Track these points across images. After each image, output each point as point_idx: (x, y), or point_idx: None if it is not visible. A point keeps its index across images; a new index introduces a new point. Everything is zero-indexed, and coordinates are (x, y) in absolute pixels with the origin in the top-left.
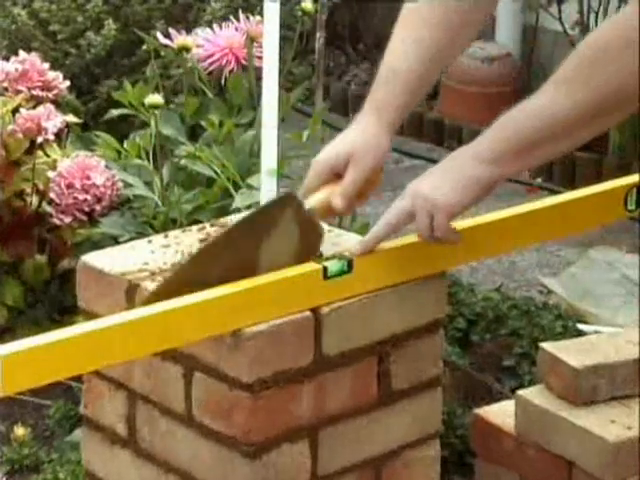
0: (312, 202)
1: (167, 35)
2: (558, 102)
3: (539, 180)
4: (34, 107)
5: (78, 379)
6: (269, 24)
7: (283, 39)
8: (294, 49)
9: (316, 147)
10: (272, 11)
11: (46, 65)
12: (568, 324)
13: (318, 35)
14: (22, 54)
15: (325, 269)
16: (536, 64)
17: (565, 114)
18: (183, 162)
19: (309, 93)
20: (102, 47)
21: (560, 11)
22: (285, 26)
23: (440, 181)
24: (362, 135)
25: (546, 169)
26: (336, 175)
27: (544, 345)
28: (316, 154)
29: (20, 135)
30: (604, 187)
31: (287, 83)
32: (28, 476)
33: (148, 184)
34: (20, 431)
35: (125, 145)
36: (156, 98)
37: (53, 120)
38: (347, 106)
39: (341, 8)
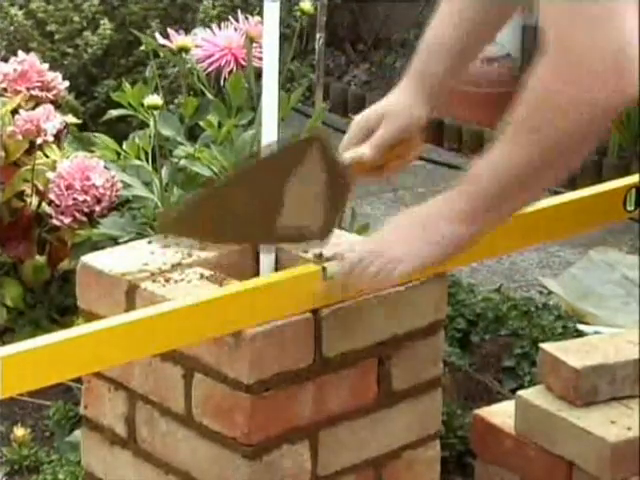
0: (344, 157)
1: (165, 35)
2: (512, 156)
3: None
4: (33, 108)
5: (78, 379)
6: (268, 24)
7: (283, 38)
8: (294, 49)
9: None
10: (272, 11)
11: (45, 65)
12: (568, 325)
13: (318, 35)
14: (21, 54)
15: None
16: None
17: (519, 168)
18: (182, 163)
19: (309, 93)
20: (99, 47)
21: None
22: (284, 26)
23: (411, 238)
24: (397, 96)
25: None
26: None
27: (544, 346)
28: None
29: (19, 136)
30: (604, 187)
31: (287, 83)
32: (28, 477)
33: (147, 185)
34: (20, 432)
35: (124, 146)
36: (155, 99)
37: (52, 121)
38: (347, 106)
39: (341, 8)
